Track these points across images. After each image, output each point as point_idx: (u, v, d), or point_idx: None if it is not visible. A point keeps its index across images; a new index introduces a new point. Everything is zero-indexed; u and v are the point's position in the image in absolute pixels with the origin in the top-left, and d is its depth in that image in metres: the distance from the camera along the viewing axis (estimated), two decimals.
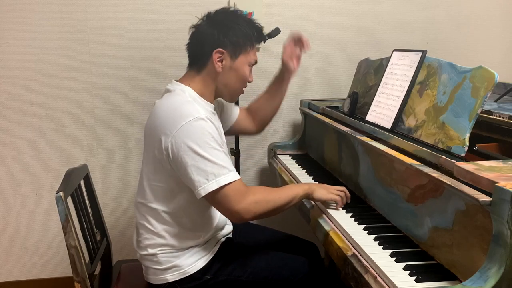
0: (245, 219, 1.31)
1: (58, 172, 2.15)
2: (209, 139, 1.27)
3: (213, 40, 1.38)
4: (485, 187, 0.96)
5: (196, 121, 1.27)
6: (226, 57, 1.39)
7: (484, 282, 0.89)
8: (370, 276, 1.10)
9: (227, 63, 1.40)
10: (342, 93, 2.19)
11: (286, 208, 1.37)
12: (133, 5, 2.19)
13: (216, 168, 1.26)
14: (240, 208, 1.28)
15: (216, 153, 1.27)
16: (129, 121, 2.28)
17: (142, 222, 1.42)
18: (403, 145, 1.35)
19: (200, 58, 1.41)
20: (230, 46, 1.39)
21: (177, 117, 1.28)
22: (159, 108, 1.36)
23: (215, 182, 1.25)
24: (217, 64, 1.39)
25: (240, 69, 1.43)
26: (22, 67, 2.16)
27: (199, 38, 1.42)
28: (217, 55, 1.38)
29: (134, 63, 2.24)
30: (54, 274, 2.37)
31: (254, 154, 2.43)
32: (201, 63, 1.41)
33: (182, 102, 1.34)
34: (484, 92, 1.20)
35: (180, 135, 1.27)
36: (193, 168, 1.26)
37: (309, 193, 1.42)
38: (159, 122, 1.32)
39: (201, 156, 1.25)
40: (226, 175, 1.26)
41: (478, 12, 2.51)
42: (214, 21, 1.42)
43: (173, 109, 1.32)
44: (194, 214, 1.38)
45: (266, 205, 1.32)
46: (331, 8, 2.37)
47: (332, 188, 1.46)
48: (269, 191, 1.36)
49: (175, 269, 1.38)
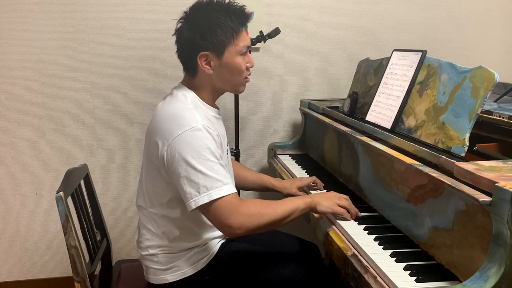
0: (238, 233, 1.26)
1: (58, 172, 2.15)
2: (203, 151, 1.24)
3: (194, 45, 1.33)
4: (485, 187, 0.96)
5: (192, 131, 1.25)
6: (212, 58, 1.34)
7: (484, 282, 0.89)
8: (370, 276, 1.10)
9: (215, 63, 1.34)
10: (342, 93, 2.19)
11: (285, 222, 1.31)
12: (133, 5, 2.19)
13: (208, 181, 1.23)
14: (232, 222, 1.23)
15: (211, 165, 1.24)
16: (129, 121, 2.28)
17: (143, 223, 1.42)
18: (403, 145, 1.35)
19: (189, 64, 1.38)
20: (212, 46, 1.32)
21: (175, 125, 1.27)
22: (160, 113, 1.34)
23: (207, 195, 1.22)
24: (205, 68, 1.34)
25: (231, 63, 1.36)
26: (22, 67, 2.16)
27: (181, 44, 1.38)
28: (202, 60, 1.34)
29: (134, 63, 2.24)
30: (54, 274, 2.37)
31: (254, 154, 2.43)
32: (192, 68, 1.38)
33: (182, 109, 1.31)
34: (484, 92, 1.20)
35: (175, 145, 1.25)
36: (186, 179, 1.23)
37: (312, 206, 1.35)
38: (158, 128, 1.31)
39: (194, 168, 1.23)
40: (219, 188, 1.23)
41: (478, 12, 2.51)
42: (190, 23, 1.36)
43: (172, 116, 1.30)
44: (195, 218, 1.38)
45: (261, 219, 1.26)
46: (331, 8, 2.38)
47: (335, 197, 1.39)
48: (266, 204, 1.29)
49: (175, 269, 1.38)
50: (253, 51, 2.23)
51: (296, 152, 2.24)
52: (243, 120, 2.36)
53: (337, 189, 1.60)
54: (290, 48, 2.37)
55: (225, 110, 2.34)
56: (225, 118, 2.36)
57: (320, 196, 1.39)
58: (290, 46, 2.37)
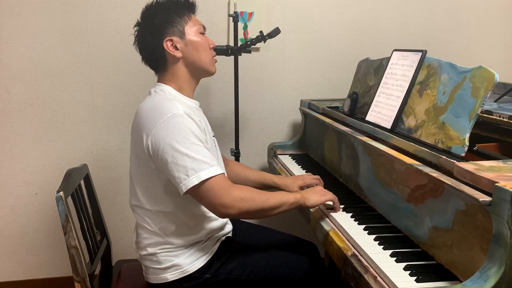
0: (230, 214, 1.28)
1: (58, 172, 2.15)
2: (187, 134, 1.26)
3: (157, 37, 1.40)
4: (485, 187, 0.96)
5: (174, 118, 1.27)
6: (176, 41, 1.40)
7: (484, 282, 0.89)
8: (370, 276, 1.10)
9: (180, 44, 1.41)
10: (342, 93, 2.19)
11: (273, 213, 1.34)
12: (133, 5, 2.18)
13: (196, 164, 1.25)
14: (225, 202, 1.26)
15: (196, 148, 1.26)
16: (129, 121, 2.25)
17: (140, 223, 1.42)
18: (403, 145, 1.35)
19: (158, 60, 1.43)
20: (171, 28, 1.40)
21: (156, 115, 1.29)
22: (141, 109, 1.38)
23: (196, 177, 1.24)
24: (174, 52, 1.41)
25: (195, 40, 1.43)
26: (22, 67, 2.16)
27: (145, 46, 1.43)
28: (168, 44, 1.40)
29: (134, 63, 2.24)
30: (54, 274, 2.37)
31: (254, 154, 2.43)
32: (162, 62, 1.43)
33: (161, 100, 1.35)
34: (484, 92, 1.20)
35: (158, 133, 1.27)
36: (173, 165, 1.25)
37: (301, 202, 1.38)
38: (140, 122, 1.33)
39: (179, 152, 1.25)
40: (206, 169, 1.25)
41: (478, 12, 2.51)
42: (148, 22, 1.42)
43: (152, 108, 1.33)
44: (189, 210, 1.38)
45: (252, 204, 1.29)
46: (331, 8, 2.38)
47: (322, 191, 1.45)
48: (257, 191, 1.33)
49: (175, 268, 1.38)
50: (253, 51, 2.23)
51: (296, 152, 2.25)
52: (243, 120, 2.36)
53: (337, 189, 1.61)
54: (290, 48, 2.37)
55: (225, 110, 2.35)
56: (225, 118, 2.38)
57: (308, 192, 1.44)
58: (290, 46, 2.37)
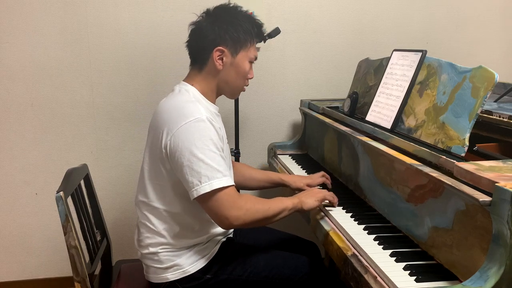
0: (234, 226, 1.31)
1: (58, 172, 2.15)
2: (206, 141, 1.27)
3: (213, 37, 1.38)
4: (485, 187, 0.96)
5: (196, 122, 1.27)
6: (226, 55, 1.39)
7: (484, 282, 0.89)
8: (370, 276, 1.10)
9: (227, 60, 1.40)
10: (342, 93, 2.19)
11: (274, 220, 1.36)
12: (133, 5, 2.19)
13: (210, 171, 1.25)
14: (230, 215, 1.27)
15: (213, 155, 1.27)
16: (129, 121, 2.28)
17: (143, 221, 1.42)
18: (403, 145, 1.35)
19: (201, 56, 1.41)
20: (230, 42, 1.39)
21: (179, 116, 1.29)
22: (163, 107, 1.37)
23: (208, 184, 1.25)
24: (217, 62, 1.39)
25: (241, 66, 1.42)
26: (22, 67, 2.16)
27: (198, 35, 1.41)
28: (217, 53, 1.38)
29: (134, 63, 2.24)
30: (54, 274, 2.37)
31: (254, 154, 2.43)
32: (202, 61, 1.42)
33: (185, 101, 1.34)
34: (484, 92, 1.20)
35: (179, 135, 1.27)
36: (188, 168, 1.26)
37: (299, 207, 1.40)
38: (162, 120, 1.33)
39: (196, 157, 1.25)
40: (219, 179, 1.26)
41: (478, 12, 2.51)
42: (214, 17, 1.41)
43: (176, 108, 1.33)
44: (196, 214, 1.38)
45: (256, 214, 1.31)
46: (331, 8, 2.38)
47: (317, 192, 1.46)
48: (259, 200, 1.35)
49: (175, 268, 1.39)
50: None
51: (296, 152, 2.25)
52: (243, 120, 2.36)
53: (337, 189, 1.61)
54: (290, 48, 2.37)
55: (225, 110, 2.34)
56: (225, 118, 2.36)
57: (304, 195, 1.45)
58: (290, 46, 2.37)
